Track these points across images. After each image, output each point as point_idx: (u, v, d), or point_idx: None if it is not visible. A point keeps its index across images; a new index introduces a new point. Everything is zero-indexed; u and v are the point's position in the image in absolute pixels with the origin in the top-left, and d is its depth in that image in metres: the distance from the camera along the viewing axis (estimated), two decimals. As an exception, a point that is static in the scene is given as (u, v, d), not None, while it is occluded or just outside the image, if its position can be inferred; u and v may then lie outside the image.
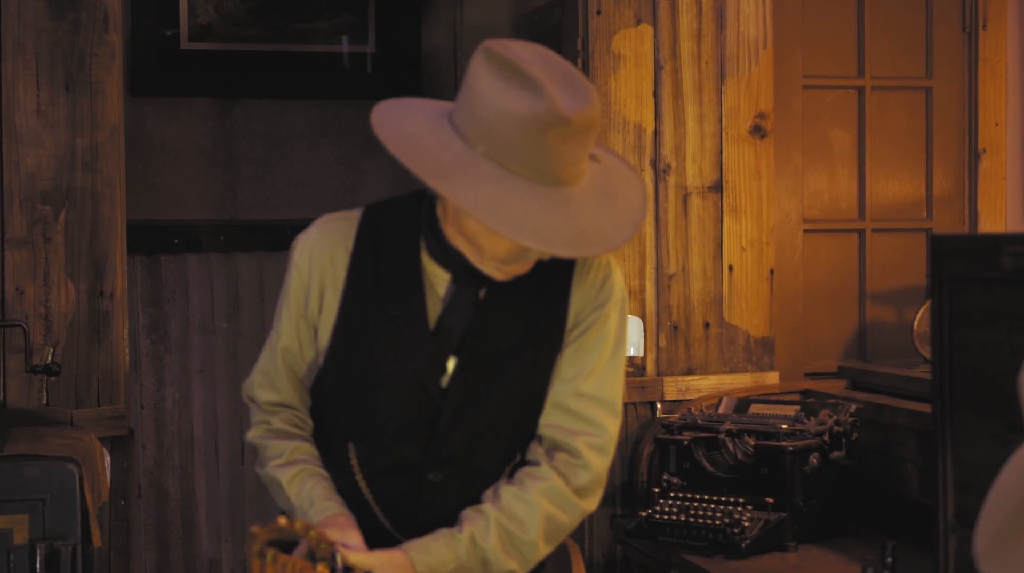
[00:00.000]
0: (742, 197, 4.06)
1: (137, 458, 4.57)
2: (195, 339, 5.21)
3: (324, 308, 2.17)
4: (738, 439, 3.60)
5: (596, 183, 2.02)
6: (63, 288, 3.70)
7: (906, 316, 4.16)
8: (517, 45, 2.00)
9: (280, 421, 2.26)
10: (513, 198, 1.92)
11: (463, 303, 2.14)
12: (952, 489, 2.50)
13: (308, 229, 2.26)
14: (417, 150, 1.98)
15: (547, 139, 1.91)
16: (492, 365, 2.15)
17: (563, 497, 2.19)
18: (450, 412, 2.14)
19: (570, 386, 2.20)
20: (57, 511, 2.97)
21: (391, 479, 2.18)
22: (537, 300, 2.17)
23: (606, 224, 1.99)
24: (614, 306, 2.21)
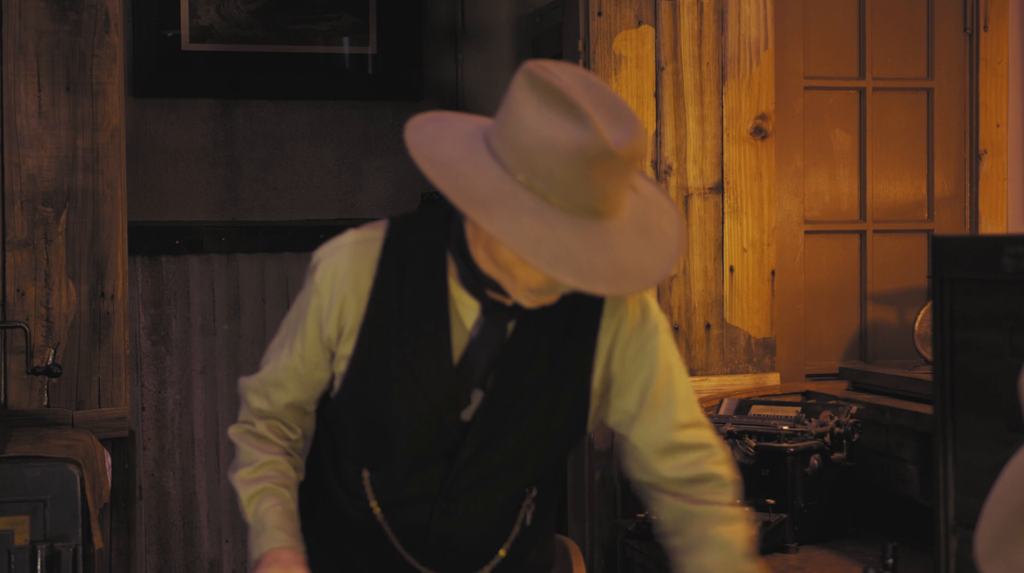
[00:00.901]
0: (743, 198, 4.06)
1: (138, 459, 4.58)
2: (196, 340, 5.22)
3: (343, 335, 2.09)
4: (739, 440, 3.60)
5: (635, 215, 1.95)
6: (64, 289, 3.70)
7: (907, 317, 4.16)
8: (559, 69, 1.91)
9: (264, 427, 2.20)
10: (554, 232, 1.84)
11: (491, 337, 2.06)
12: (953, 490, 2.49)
13: (332, 247, 2.14)
14: (455, 176, 1.89)
15: (591, 172, 1.84)
16: (518, 399, 2.09)
17: (733, 515, 2.21)
18: (472, 446, 2.08)
19: (666, 425, 2.16)
20: (58, 512, 2.97)
21: (405, 507, 2.13)
22: (566, 333, 2.10)
23: (645, 260, 1.92)
24: (663, 334, 2.16)
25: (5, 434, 3.32)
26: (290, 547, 2.07)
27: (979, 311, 2.51)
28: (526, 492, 2.16)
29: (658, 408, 2.15)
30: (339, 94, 5.41)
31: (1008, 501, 1.33)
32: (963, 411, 2.49)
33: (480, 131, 1.97)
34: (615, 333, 2.12)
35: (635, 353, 2.13)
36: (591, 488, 3.90)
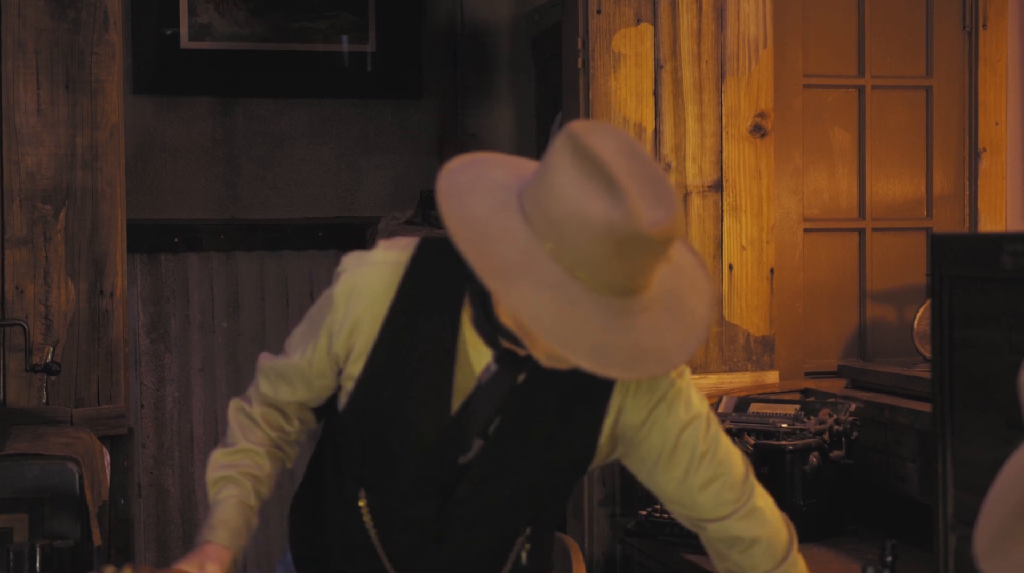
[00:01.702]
0: (742, 196, 4.06)
1: (137, 457, 4.58)
2: (195, 338, 5.22)
3: (352, 356, 2.05)
4: (738, 438, 3.59)
5: (664, 291, 1.88)
6: (63, 287, 3.70)
7: (906, 315, 4.16)
8: (604, 135, 1.80)
9: (259, 413, 2.16)
10: (574, 311, 1.77)
11: (499, 388, 2.00)
12: (952, 488, 2.49)
13: (358, 260, 2.07)
14: (481, 238, 1.81)
15: (621, 252, 1.76)
16: (520, 451, 2.05)
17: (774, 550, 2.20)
18: (466, 488, 2.06)
19: (688, 488, 2.13)
20: (57, 510, 2.97)
21: (400, 532, 2.11)
22: (577, 390, 2.03)
23: (668, 341, 1.85)
24: (678, 394, 2.09)
25: (4, 432, 3.32)
26: (222, 544, 2.04)
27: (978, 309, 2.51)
28: (520, 531, 2.13)
29: (672, 470, 2.11)
30: (338, 92, 5.41)
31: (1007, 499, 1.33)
32: (962, 409, 2.49)
33: (516, 183, 1.87)
34: (624, 394, 2.06)
35: (643, 418, 2.08)
36: (591, 486, 3.90)
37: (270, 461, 2.16)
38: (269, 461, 2.16)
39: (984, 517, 1.35)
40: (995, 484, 1.36)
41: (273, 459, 2.17)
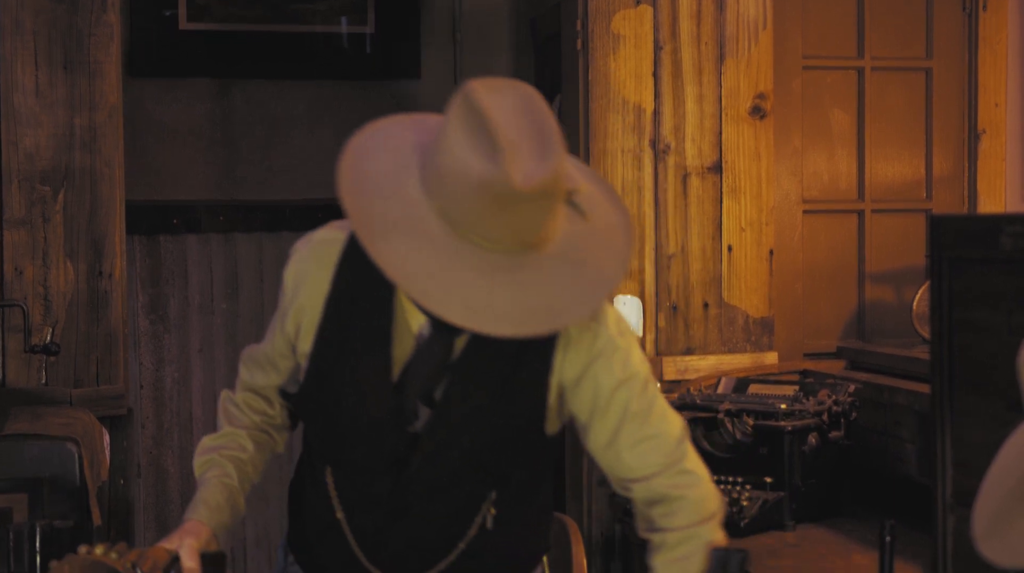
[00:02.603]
0: (741, 178, 4.06)
1: (136, 437, 4.58)
2: (194, 319, 5.22)
3: (301, 334, 2.08)
4: (737, 419, 3.60)
5: (568, 246, 1.87)
6: (62, 268, 3.70)
7: (905, 296, 4.17)
8: (498, 91, 1.81)
9: (242, 398, 2.21)
10: (452, 268, 1.78)
11: (434, 352, 2.00)
12: (951, 468, 2.50)
13: (303, 242, 2.12)
14: (368, 195, 1.83)
15: (497, 209, 1.77)
16: (467, 416, 2.03)
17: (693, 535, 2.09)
18: (421, 456, 2.04)
19: (615, 446, 2.08)
20: (56, 490, 2.98)
21: (363, 509, 2.11)
22: (521, 351, 2.01)
23: (560, 299, 1.84)
24: (616, 353, 2.05)
25: (3, 412, 3.32)
26: (201, 520, 2.06)
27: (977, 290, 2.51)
28: (485, 496, 2.10)
29: (605, 428, 2.07)
30: (337, 74, 5.40)
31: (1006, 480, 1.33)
32: (961, 390, 2.49)
33: (430, 143, 1.88)
34: (565, 351, 2.03)
35: (579, 373, 2.04)
36: (589, 465, 3.91)
37: (253, 443, 2.19)
38: (252, 443, 2.18)
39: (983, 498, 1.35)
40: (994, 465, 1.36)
41: (258, 442, 2.19)
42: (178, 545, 1.99)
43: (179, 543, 1.99)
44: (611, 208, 2.00)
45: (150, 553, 1.94)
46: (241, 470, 2.15)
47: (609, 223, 1.97)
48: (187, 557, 1.96)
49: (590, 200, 1.96)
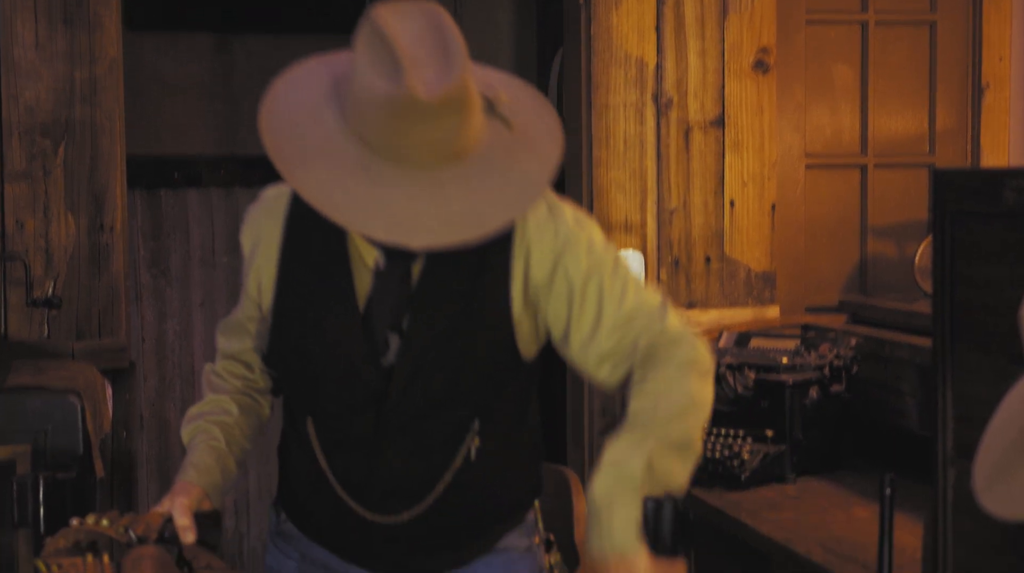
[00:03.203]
0: (744, 132, 4.05)
1: (139, 390, 4.60)
2: (196, 273, 5.22)
3: (263, 290, 2.11)
4: (738, 372, 3.61)
5: (492, 155, 1.89)
6: (63, 221, 3.70)
7: (907, 251, 4.16)
8: (401, 12, 1.85)
9: (222, 366, 2.23)
10: (373, 188, 1.81)
11: (394, 279, 2.02)
12: (952, 421, 2.50)
13: (254, 203, 2.17)
14: (287, 127, 1.87)
15: (406, 124, 1.80)
16: (436, 339, 2.03)
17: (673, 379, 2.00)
18: (398, 389, 2.04)
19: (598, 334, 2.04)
20: (59, 442, 2.99)
21: (346, 453, 2.11)
22: (478, 266, 2.03)
23: (485, 206, 1.86)
24: (578, 242, 2.04)
25: (6, 365, 3.33)
26: (191, 481, 2.07)
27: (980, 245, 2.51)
28: (467, 427, 2.09)
29: (584, 319, 2.04)
30: (337, 27, 5.36)
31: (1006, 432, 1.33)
32: (963, 344, 2.49)
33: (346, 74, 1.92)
34: (527, 255, 2.04)
35: (550, 271, 2.04)
36: (591, 417, 3.92)
37: (237, 406, 2.20)
38: (236, 406, 2.20)
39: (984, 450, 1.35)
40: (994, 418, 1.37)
41: (242, 405, 2.21)
42: (170, 506, 1.99)
43: (170, 504, 2.00)
44: (539, 116, 2.01)
45: (143, 518, 1.95)
46: (228, 433, 2.16)
47: (537, 130, 1.98)
48: (179, 515, 1.97)
49: (515, 110, 1.96)
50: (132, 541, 1.91)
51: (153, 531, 1.92)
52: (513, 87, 2.03)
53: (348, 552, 2.18)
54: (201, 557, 1.97)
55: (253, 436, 2.23)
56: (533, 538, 2.25)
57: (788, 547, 2.95)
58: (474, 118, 1.87)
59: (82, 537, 1.90)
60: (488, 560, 2.19)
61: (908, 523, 2.86)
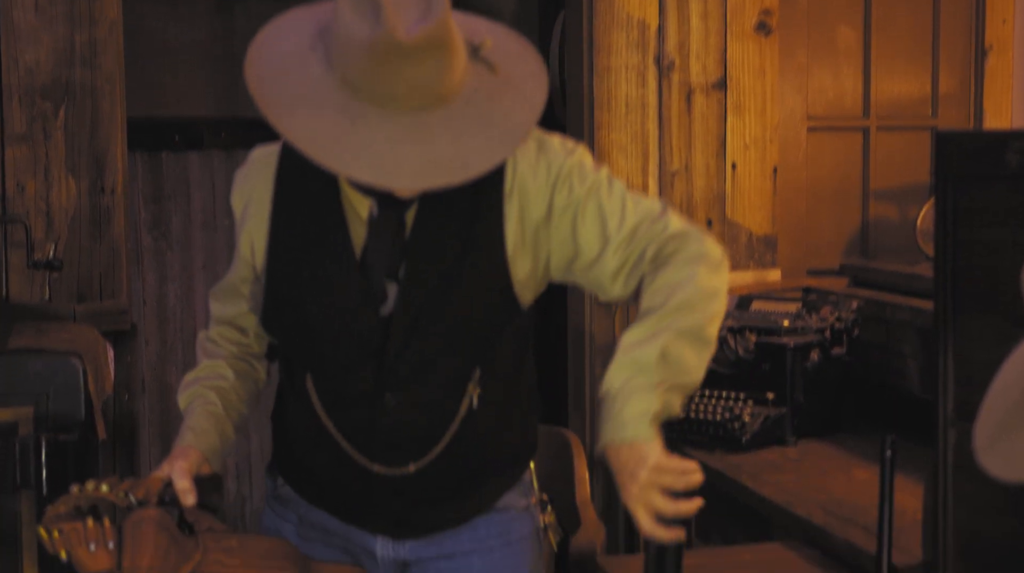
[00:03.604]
0: (746, 95, 4.03)
1: (140, 353, 4.60)
2: (197, 236, 5.22)
3: (256, 251, 2.12)
4: (739, 335, 3.61)
5: (476, 99, 1.90)
6: (64, 184, 3.69)
7: (909, 214, 4.16)
8: None
9: (216, 332, 2.24)
10: (356, 130, 1.82)
11: (388, 228, 2.03)
12: (953, 384, 2.50)
13: (243, 163, 2.18)
14: (273, 74, 1.89)
15: (388, 67, 1.81)
16: (435, 285, 2.04)
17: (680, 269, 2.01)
18: (398, 339, 2.05)
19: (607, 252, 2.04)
20: (61, 404, 2.99)
21: (348, 407, 2.11)
22: (472, 212, 2.04)
23: (469, 150, 1.86)
24: (574, 172, 2.05)
25: (7, 327, 3.33)
26: (189, 445, 2.08)
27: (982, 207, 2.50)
28: (469, 375, 2.11)
29: (590, 242, 2.06)
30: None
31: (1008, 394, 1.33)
32: (964, 306, 2.49)
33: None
34: (521, 196, 2.05)
35: (546, 206, 2.05)
36: (592, 380, 3.93)
37: (233, 371, 2.21)
38: (232, 371, 2.20)
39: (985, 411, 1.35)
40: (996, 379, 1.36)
41: (238, 370, 2.21)
42: (169, 470, 2.00)
43: (170, 468, 2.00)
44: (524, 61, 2.01)
45: (143, 482, 1.95)
46: (225, 398, 2.16)
47: (522, 74, 1.99)
48: (179, 478, 1.97)
49: (500, 55, 1.97)
50: (132, 505, 1.91)
51: (153, 495, 1.93)
52: (498, 33, 2.03)
53: (348, 512, 2.18)
54: (202, 520, 1.97)
55: (250, 401, 2.23)
56: (530, 498, 2.26)
57: (789, 509, 2.96)
58: (456, 61, 1.88)
59: (83, 502, 1.91)
60: (488, 519, 2.20)
61: (909, 485, 2.87)
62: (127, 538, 1.89)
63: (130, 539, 1.88)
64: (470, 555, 2.20)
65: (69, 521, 1.90)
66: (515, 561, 2.21)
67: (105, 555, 1.89)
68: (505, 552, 2.21)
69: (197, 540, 1.94)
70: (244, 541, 1.99)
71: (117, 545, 1.89)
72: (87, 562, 1.89)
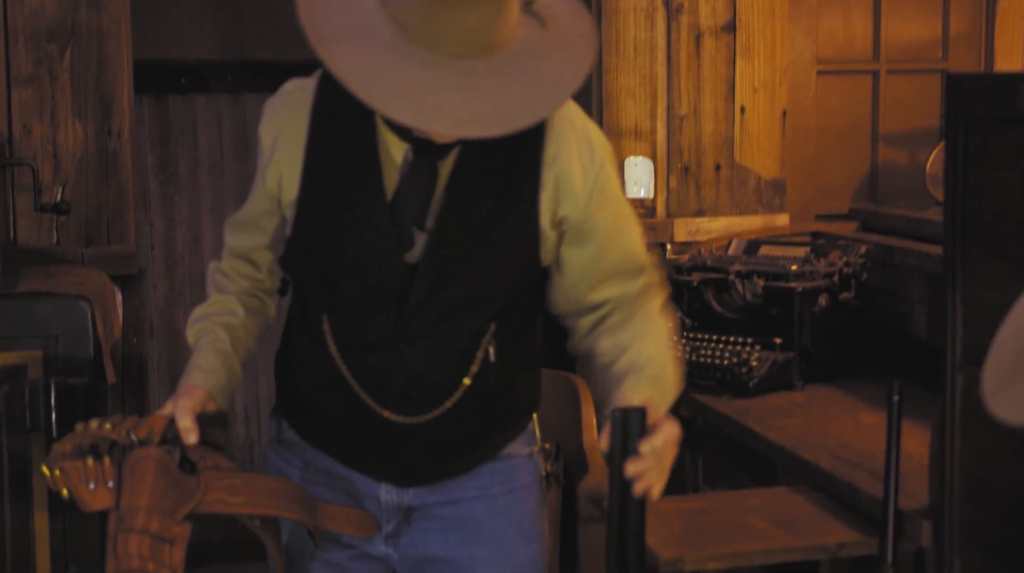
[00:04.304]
0: (755, 37, 4.01)
1: (148, 297, 4.61)
2: (204, 180, 5.21)
3: (285, 186, 2.08)
4: (747, 280, 3.61)
5: (524, 52, 1.87)
6: (70, 127, 3.68)
7: (919, 158, 4.14)
8: None
9: (228, 265, 2.21)
10: (404, 71, 1.79)
11: (419, 175, 2.01)
12: (961, 328, 2.50)
13: (274, 97, 2.13)
14: (324, 6, 1.86)
15: (443, 8, 1.78)
16: (465, 239, 2.03)
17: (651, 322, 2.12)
18: (421, 288, 2.04)
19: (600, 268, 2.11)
20: (70, 347, 3.00)
21: (364, 352, 2.10)
22: (509, 171, 2.03)
23: (512, 103, 1.84)
24: (610, 167, 2.07)
25: (16, 271, 3.33)
26: (195, 383, 2.05)
27: (993, 150, 2.49)
28: (484, 330, 2.10)
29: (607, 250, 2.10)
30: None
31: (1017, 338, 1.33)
32: (973, 250, 2.49)
33: None
34: (558, 172, 2.04)
35: (585, 192, 2.05)
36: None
37: (243, 307, 2.19)
38: (242, 307, 2.19)
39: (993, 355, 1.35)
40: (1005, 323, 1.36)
41: (248, 306, 2.20)
42: (173, 409, 2.00)
43: (173, 406, 2.00)
44: (575, 19, 1.99)
45: (146, 421, 1.95)
46: (233, 334, 2.16)
47: (573, 33, 1.97)
48: (181, 417, 1.97)
49: (552, 11, 1.95)
50: (134, 443, 1.91)
51: (156, 434, 1.93)
52: None
53: (354, 459, 2.19)
54: (208, 457, 1.97)
55: (259, 337, 2.23)
56: (533, 446, 2.27)
57: (796, 454, 2.97)
58: (510, 10, 1.86)
59: (85, 441, 1.91)
60: (493, 466, 2.20)
61: (916, 430, 2.88)
62: (126, 477, 1.89)
63: (129, 478, 1.88)
64: (474, 501, 2.20)
65: (71, 460, 1.90)
66: (518, 507, 2.22)
67: (105, 493, 1.90)
68: (509, 498, 2.22)
69: (199, 479, 1.94)
70: (249, 480, 1.99)
71: (117, 484, 1.89)
72: (87, 500, 1.90)
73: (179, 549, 1.91)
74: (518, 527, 2.21)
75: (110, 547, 1.86)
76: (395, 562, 2.22)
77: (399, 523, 2.20)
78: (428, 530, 2.20)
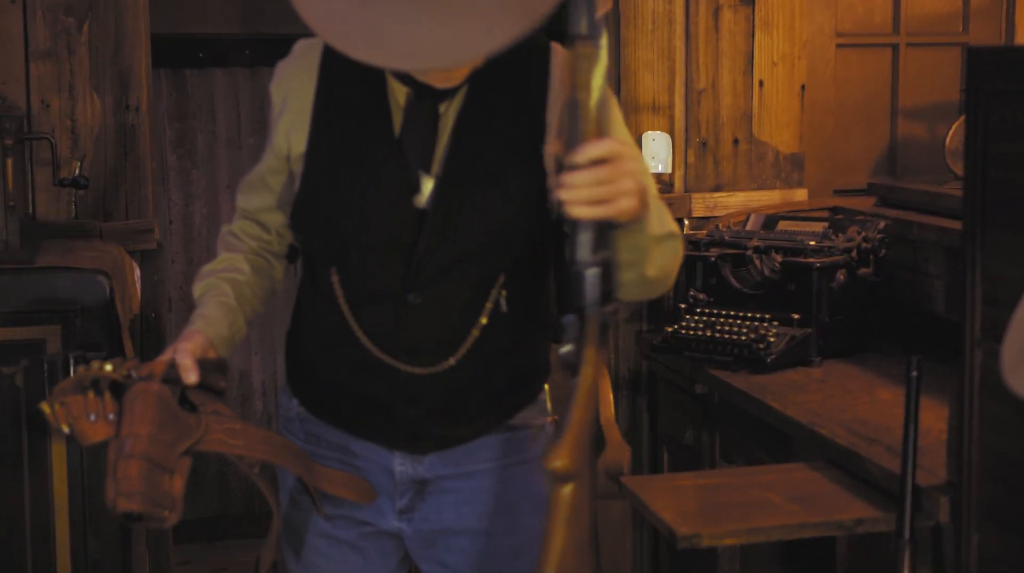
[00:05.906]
0: (774, 10, 3.99)
1: (167, 272, 4.61)
2: (221, 154, 5.21)
3: (293, 139, 2.11)
4: (765, 255, 3.60)
5: None
6: (89, 101, 3.68)
7: (938, 132, 4.12)
8: None
9: (239, 226, 2.25)
10: (365, 8, 1.80)
11: (420, 118, 2.04)
12: (980, 303, 2.49)
13: (284, 59, 2.18)
14: None
15: None
16: (472, 185, 2.05)
17: None
18: (428, 237, 2.05)
19: None
20: (89, 322, 3.01)
21: (373, 304, 2.11)
22: (514, 116, 2.05)
23: (485, 25, 1.77)
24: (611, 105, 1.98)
25: (35, 245, 3.34)
26: (196, 330, 2.08)
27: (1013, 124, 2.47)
28: (494, 280, 2.11)
29: None
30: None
31: (1036, 313, 1.32)
32: (993, 225, 2.48)
33: None
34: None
35: None
36: (617, 301, 3.92)
37: (250, 266, 2.22)
38: (249, 266, 2.22)
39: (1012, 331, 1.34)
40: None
41: (255, 266, 2.23)
42: (172, 354, 2.01)
43: (173, 350, 2.01)
44: None
45: (147, 363, 1.96)
46: (239, 290, 2.18)
47: None
48: (181, 357, 1.98)
49: None
50: (135, 381, 1.92)
51: (157, 376, 1.94)
52: None
53: (364, 425, 2.19)
54: (208, 403, 1.97)
55: (265, 297, 2.25)
56: (546, 417, 2.27)
57: (813, 429, 2.96)
58: None
59: (86, 380, 1.92)
60: (506, 437, 2.21)
61: (934, 405, 2.87)
62: (127, 408, 1.89)
63: (129, 409, 1.89)
64: (488, 473, 2.21)
65: (71, 394, 1.91)
66: (531, 478, 2.22)
67: (105, 425, 1.91)
68: (522, 469, 2.23)
69: (200, 417, 1.95)
70: (248, 427, 2.01)
71: (117, 417, 1.90)
72: (87, 432, 1.91)
73: (179, 479, 1.92)
74: (533, 498, 2.21)
75: (110, 473, 1.87)
76: (408, 537, 2.23)
77: (413, 497, 2.21)
78: (442, 503, 2.21)
